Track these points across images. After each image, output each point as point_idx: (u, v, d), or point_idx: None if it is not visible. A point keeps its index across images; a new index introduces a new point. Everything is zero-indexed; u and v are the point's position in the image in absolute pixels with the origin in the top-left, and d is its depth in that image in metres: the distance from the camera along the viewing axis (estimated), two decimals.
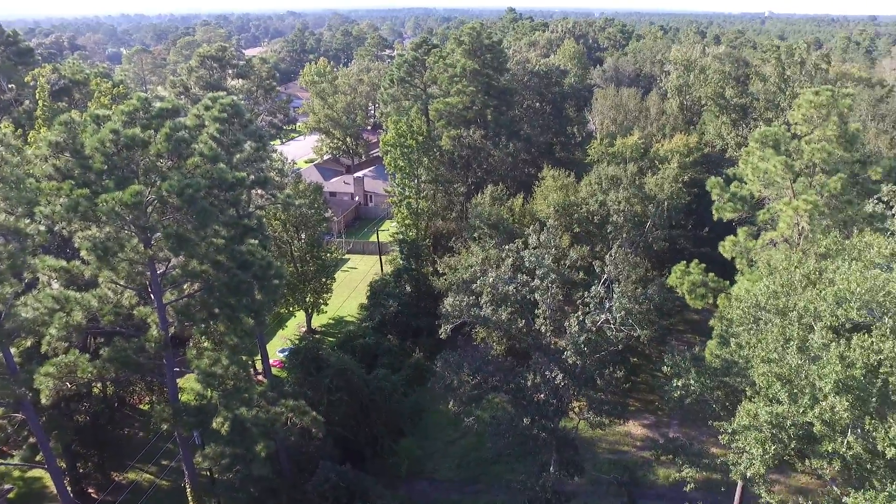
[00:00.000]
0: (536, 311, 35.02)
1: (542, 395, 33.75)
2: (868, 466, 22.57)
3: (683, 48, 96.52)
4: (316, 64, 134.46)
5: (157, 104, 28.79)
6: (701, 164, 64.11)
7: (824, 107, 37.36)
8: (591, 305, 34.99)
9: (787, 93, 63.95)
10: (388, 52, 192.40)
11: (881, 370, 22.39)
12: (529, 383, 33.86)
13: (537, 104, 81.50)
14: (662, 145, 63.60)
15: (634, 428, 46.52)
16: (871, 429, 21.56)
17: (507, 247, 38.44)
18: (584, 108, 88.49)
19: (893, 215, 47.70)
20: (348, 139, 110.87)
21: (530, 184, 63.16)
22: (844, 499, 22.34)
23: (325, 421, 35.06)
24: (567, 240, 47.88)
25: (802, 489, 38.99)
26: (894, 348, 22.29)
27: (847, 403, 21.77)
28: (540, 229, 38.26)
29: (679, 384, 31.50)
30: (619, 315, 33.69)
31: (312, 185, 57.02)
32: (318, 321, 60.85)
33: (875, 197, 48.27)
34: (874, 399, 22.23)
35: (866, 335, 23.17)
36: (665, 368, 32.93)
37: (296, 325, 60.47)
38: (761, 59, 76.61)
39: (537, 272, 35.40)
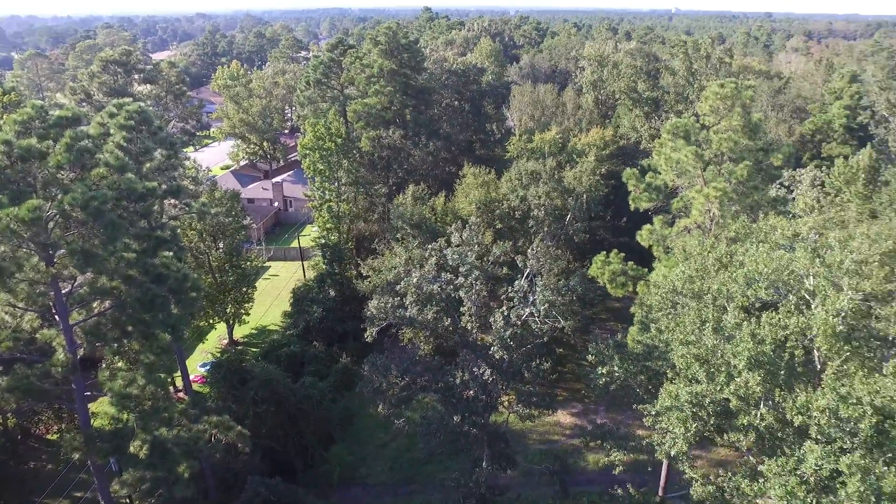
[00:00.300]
0: (462, 309, 35.05)
1: (471, 392, 33.82)
2: (779, 435, 23.79)
3: (596, 44, 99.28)
4: (229, 67, 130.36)
5: (56, 112, 27.04)
6: (617, 156, 66.10)
7: (729, 98, 39.24)
8: (516, 300, 35.29)
9: (695, 85, 66.75)
10: (303, 53, 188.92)
11: (788, 345, 23.63)
12: (458, 381, 33.87)
13: (456, 102, 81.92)
14: (579, 139, 65.08)
15: (563, 417, 47.39)
16: (780, 400, 22.71)
17: (430, 246, 38.28)
18: (502, 105, 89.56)
19: (794, 199, 50.64)
20: (265, 144, 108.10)
21: (451, 182, 63.33)
22: (760, 467, 23.40)
23: (251, 434, 34.00)
24: (489, 236, 48.25)
25: (722, 461, 40.77)
26: (798, 323, 23.57)
27: (759, 378, 22.86)
28: (462, 227, 38.34)
29: (604, 371, 32.19)
30: (542, 307, 34.11)
31: (229, 193, 55.35)
32: (240, 332, 59.03)
33: (777, 182, 51.22)
34: (783, 372, 23.43)
35: (774, 312, 24.40)
36: (590, 357, 33.60)
37: (217, 337, 58.45)
38: (670, 53, 79.71)
39: (461, 270, 35.46)
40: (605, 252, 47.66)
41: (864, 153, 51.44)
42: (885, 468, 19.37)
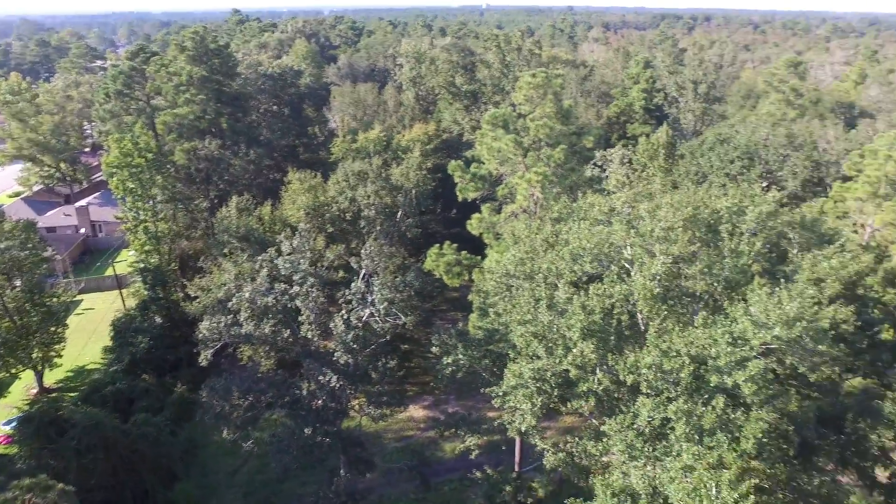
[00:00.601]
0: (300, 318, 33.86)
1: (319, 401, 32.84)
2: (615, 395, 25.62)
3: (413, 41, 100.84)
4: (7, 80, 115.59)
5: None
6: (442, 149, 67.49)
7: (541, 87, 41.37)
8: (354, 302, 34.75)
9: (510, 77, 69.97)
10: (99, 62, 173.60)
11: (615, 312, 25.27)
12: (305, 392, 32.76)
13: (274, 107, 79.41)
14: (404, 136, 65.62)
15: (416, 411, 47.54)
16: (613, 363, 24.27)
17: (260, 258, 36.70)
18: (323, 106, 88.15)
19: (607, 176, 54.61)
20: (63, 165, 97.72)
21: (277, 189, 61.15)
22: (602, 427, 24.88)
23: (77, 489, 30.39)
24: (322, 241, 47.00)
25: (569, 429, 43.03)
26: (622, 291, 25.24)
27: (593, 346, 24.26)
28: (292, 235, 37.09)
29: (449, 361, 32.58)
30: (382, 306, 33.87)
31: (22, 223, 49.57)
32: (52, 377, 52.79)
33: (591, 162, 54.97)
34: (613, 338, 25.05)
35: (599, 284, 25.94)
36: (434, 349, 33.88)
37: (22, 388, 51.72)
38: (484, 47, 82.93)
39: (295, 278, 34.30)
40: (438, 244, 48.43)
41: (661, 131, 56.89)
42: (704, 408, 21.48)
